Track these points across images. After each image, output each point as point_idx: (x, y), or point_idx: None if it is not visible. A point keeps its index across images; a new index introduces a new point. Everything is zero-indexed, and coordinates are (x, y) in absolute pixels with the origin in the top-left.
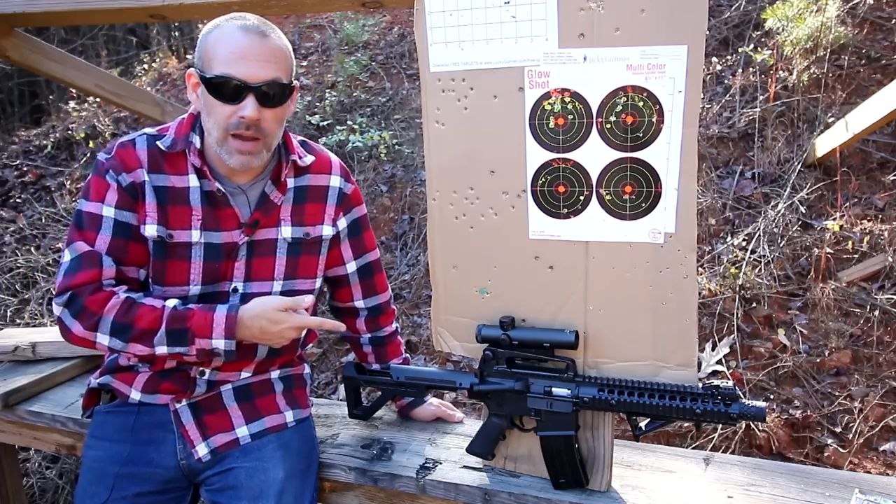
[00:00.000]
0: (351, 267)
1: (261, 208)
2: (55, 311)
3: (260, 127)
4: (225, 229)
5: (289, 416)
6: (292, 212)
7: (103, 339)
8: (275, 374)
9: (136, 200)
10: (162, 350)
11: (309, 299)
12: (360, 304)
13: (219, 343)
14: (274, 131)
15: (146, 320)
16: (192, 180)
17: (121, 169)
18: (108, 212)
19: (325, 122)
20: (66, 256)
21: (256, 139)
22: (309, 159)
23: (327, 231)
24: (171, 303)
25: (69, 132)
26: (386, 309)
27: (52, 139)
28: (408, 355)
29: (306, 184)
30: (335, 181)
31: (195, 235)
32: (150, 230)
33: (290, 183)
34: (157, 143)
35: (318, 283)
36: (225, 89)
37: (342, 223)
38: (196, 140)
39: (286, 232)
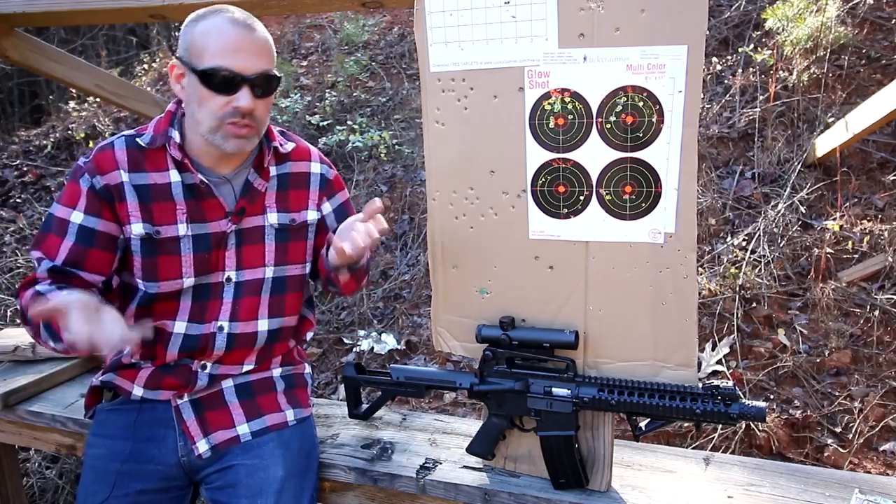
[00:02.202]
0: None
1: (246, 196)
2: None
3: (254, 116)
4: (211, 220)
5: (290, 414)
6: (277, 199)
7: (28, 330)
8: (276, 371)
9: (110, 203)
10: (52, 344)
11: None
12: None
13: (67, 332)
14: (265, 119)
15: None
16: (174, 175)
17: (95, 171)
18: (77, 217)
19: (325, 122)
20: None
21: (250, 126)
22: (290, 146)
23: (312, 216)
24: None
25: (69, 132)
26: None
27: (52, 139)
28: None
29: (289, 171)
30: (316, 167)
31: (182, 229)
32: (136, 229)
33: (273, 170)
34: (137, 140)
35: (308, 268)
36: (219, 81)
37: (326, 207)
38: (175, 134)
39: (272, 218)
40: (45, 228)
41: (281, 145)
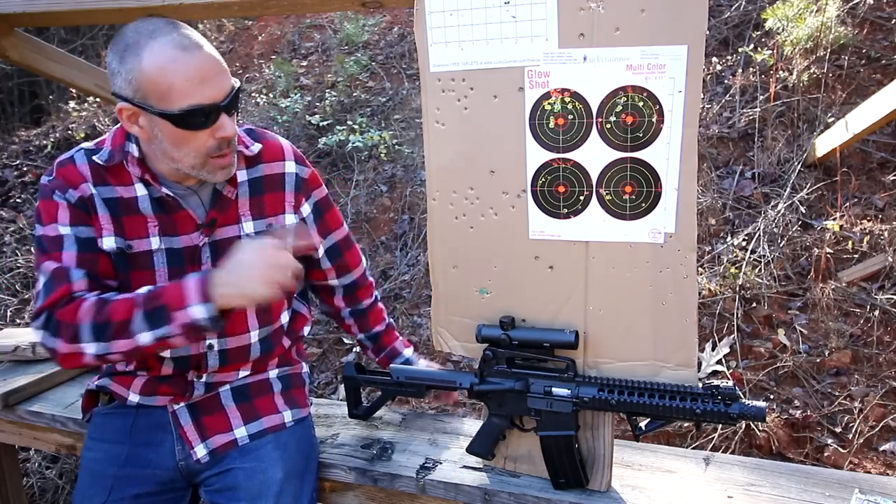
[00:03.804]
0: (320, 250)
1: (216, 206)
2: (36, 336)
3: (234, 138)
4: (183, 233)
5: (287, 416)
6: (251, 205)
7: (88, 347)
8: (273, 373)
9: (88, 215)
10: (145, 337)
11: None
12: (334, 282)
13: (198, 310)
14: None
15: (120, 312)
16: (140, 189)
17: (66, 186)
18: (65, 230)
19: (325, 122)
20: (40, 281)
21: (231, 150)
22: (256, 147)
23: (290, 220)
24: (143, 289)
25: (69, 132)
26: (362, 283)
27: (52, 139)
28: (391, 321)
29: (261, 174)
30: (290, 167)
31: (154, 242)
32: (108, 242)
33: (242, 175)
34: (94, 157)
35: None
36: (196, 119)
37: (306, 209)
38: (133, 149)
39: (248, 227)
40: (41, 251)
41: (247, 147)
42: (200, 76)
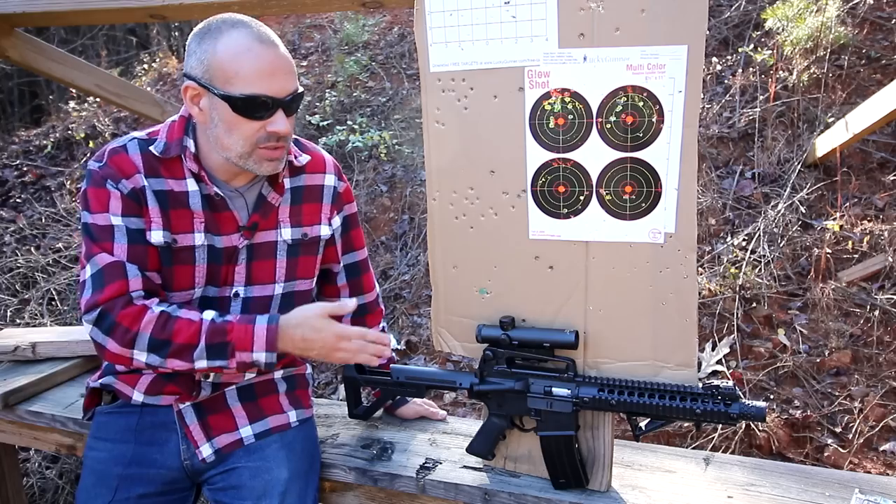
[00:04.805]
0: (340, 264)
1: (259, 210)
2: (85, 329)
3: (286, 136)
4: (225, 233)
5: (292, 416)
6: (290, 213)
7: (140, 355)
8: (278, 374)
9: (140, 206)
10: (201, 364)
11: (351, 304)
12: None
13: (259, 356)
14: (292, 134)
15: (184, 335)
16: (191, 184)
17: (119, 176)
18: (117, 221)
19: (325, 122)
20: (88, 271)
21: (283, 147)
22: (304, 158)
23: (325, 231)
24: (209, 315)
25: (69, 132)
26: (373, 309)
27: (52, 139)
28: (393, 354)
29: (302, 184)
30: (330, 180)
31: (199, 239)
32: (157, 236)
33: (287, 183)
34: (150, 148)
35: (315, 282)
36: (255, 108)
37: (336, 221)
38: (191, 144)
39: (286, 234)
40: (91, 239)
41: (296, 157)
42: (269, 70)
